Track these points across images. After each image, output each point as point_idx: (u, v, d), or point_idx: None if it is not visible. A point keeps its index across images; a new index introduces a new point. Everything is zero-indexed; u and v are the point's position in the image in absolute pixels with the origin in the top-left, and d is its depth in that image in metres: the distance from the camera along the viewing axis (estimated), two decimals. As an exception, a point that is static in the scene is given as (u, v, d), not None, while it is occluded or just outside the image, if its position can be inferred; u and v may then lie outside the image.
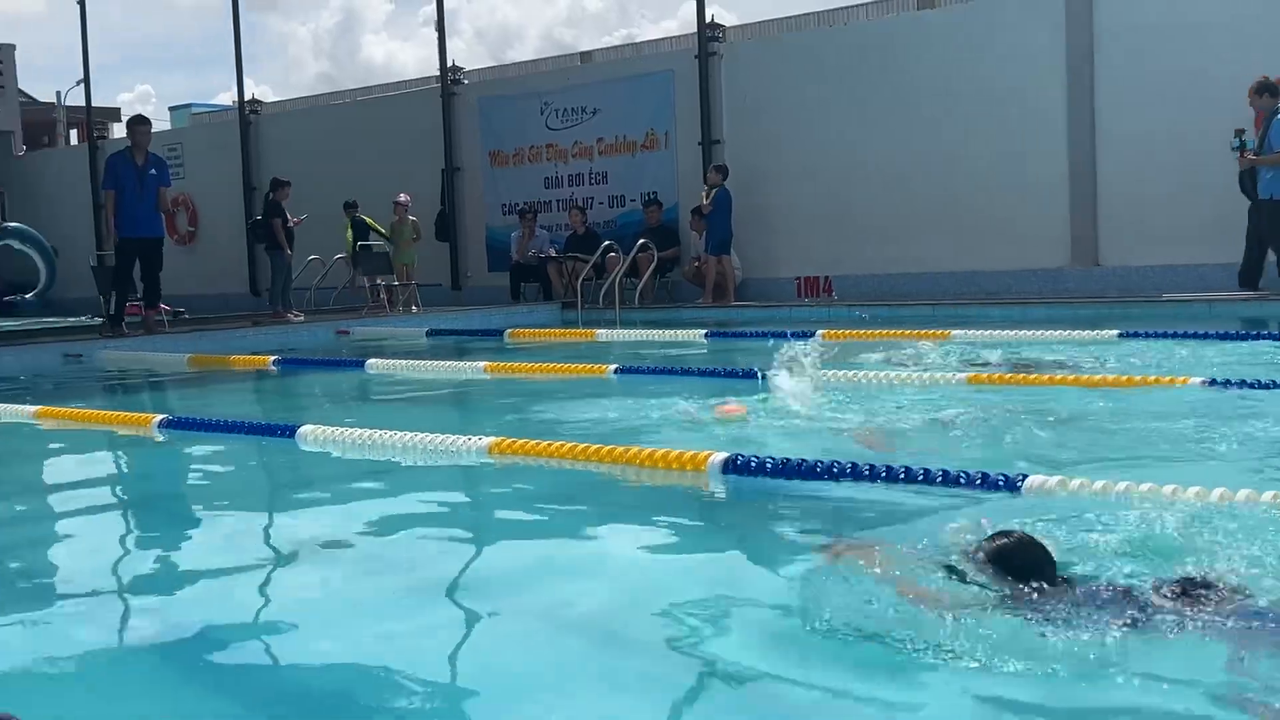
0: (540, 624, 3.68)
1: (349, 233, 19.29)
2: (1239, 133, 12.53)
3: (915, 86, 15.94)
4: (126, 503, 6.41)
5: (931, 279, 15.67)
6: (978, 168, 15.47)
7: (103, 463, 7.52)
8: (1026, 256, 15.22)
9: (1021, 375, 7.98)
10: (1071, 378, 7.68)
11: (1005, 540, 3.37)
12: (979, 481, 4.67)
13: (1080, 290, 14.66)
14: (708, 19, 17.89)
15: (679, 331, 12.87)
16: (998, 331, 10.44)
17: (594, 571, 4.18)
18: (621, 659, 3.33)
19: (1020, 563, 3.25)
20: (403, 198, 18.29)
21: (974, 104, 15.47)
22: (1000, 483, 4.63)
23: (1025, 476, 4.62)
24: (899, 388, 7.80)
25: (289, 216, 16.82)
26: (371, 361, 10.73)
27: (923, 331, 10.87)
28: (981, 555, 3.33)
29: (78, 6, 23.81)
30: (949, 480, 4.74)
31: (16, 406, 8.88)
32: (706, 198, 16.44)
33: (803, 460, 5.20)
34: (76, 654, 3.64)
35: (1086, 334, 10.08)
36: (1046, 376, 7.83)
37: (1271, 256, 12.76)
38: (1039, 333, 10.23)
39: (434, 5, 20.49)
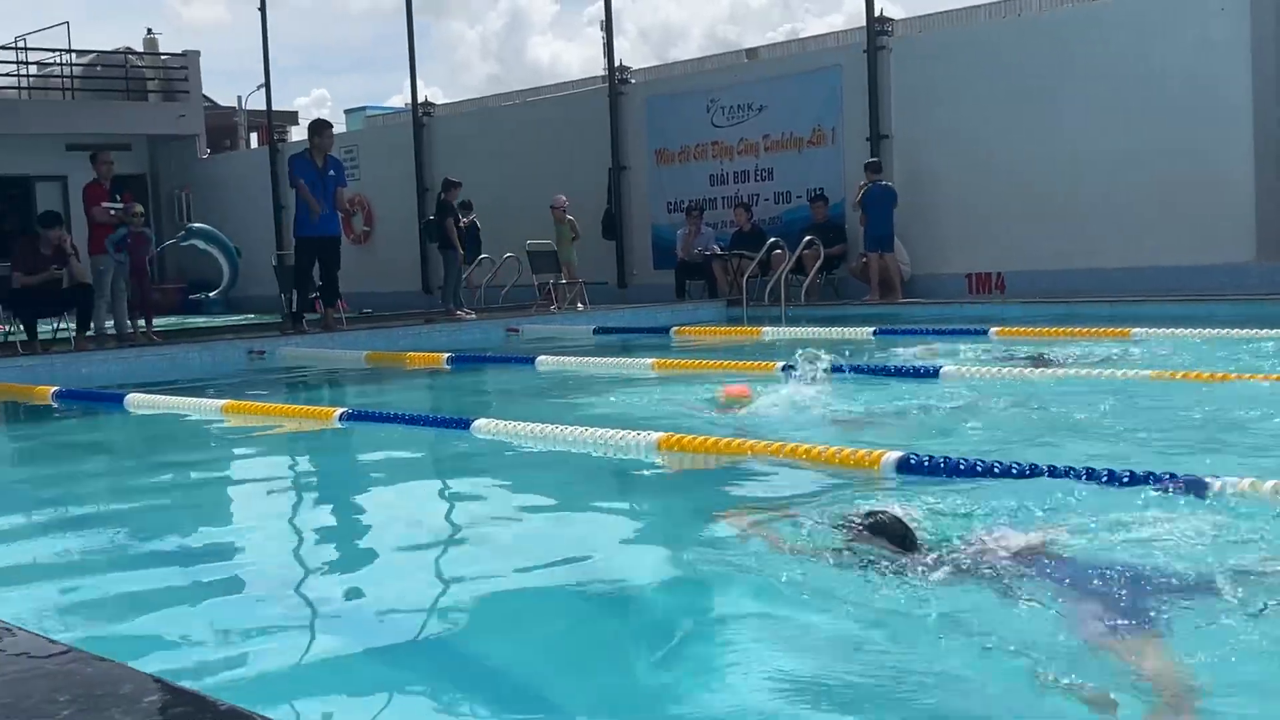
0: (704, 616, 3.71)
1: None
2: None
3: (1089, 78, 15.50)
4: (311, 490, 6.64)
5: (1108, 275, 15.21)
6: (1157, 160, 14.97)
7: (288, 453, 7.79)
8: (1209, 252, 14.68)
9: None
10: (1234, 375, 7.41)
11: (881, 517, 4.19)
12: (1166, 482, 4.54)
13: (1266, 286, 14.08)
14: (876, 13, 17.68)
15: (846, 329, 12.74)
16: (1181, 330, 10.09)
17: (764, 570, 4.17)
18: (783, 656, 3.33)
19: (894, 533, 4.05)
20: (560, 199, 18.54)
21: (1152, 94, 14.99)
22: (1186, 483, 4.50)
23: (1217, 477, 4.48)
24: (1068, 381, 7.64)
25: (460, 216, 17.17)
26: (541, 359, 10.88)
27: (1101, 329, 10.59)
28: (865, 531, 4.11)
29: (259, 14, 24.63)
30: (1135, 480, 4.62)
31: (206, 401, 9.26)
32: (857, 194, 16.43)
33: (978, 460, 5.13)
34: (272, 628, 3.81)
35: (1277, 332, 9.68)
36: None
37: None
38: (1224, 331, 9.86)
39: (599, 5, 20.72)
